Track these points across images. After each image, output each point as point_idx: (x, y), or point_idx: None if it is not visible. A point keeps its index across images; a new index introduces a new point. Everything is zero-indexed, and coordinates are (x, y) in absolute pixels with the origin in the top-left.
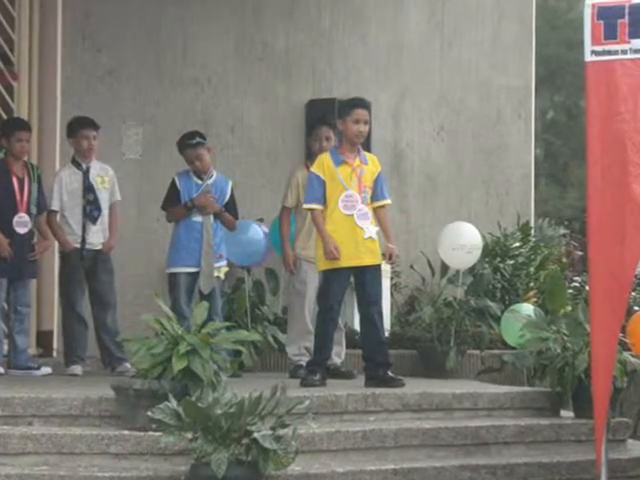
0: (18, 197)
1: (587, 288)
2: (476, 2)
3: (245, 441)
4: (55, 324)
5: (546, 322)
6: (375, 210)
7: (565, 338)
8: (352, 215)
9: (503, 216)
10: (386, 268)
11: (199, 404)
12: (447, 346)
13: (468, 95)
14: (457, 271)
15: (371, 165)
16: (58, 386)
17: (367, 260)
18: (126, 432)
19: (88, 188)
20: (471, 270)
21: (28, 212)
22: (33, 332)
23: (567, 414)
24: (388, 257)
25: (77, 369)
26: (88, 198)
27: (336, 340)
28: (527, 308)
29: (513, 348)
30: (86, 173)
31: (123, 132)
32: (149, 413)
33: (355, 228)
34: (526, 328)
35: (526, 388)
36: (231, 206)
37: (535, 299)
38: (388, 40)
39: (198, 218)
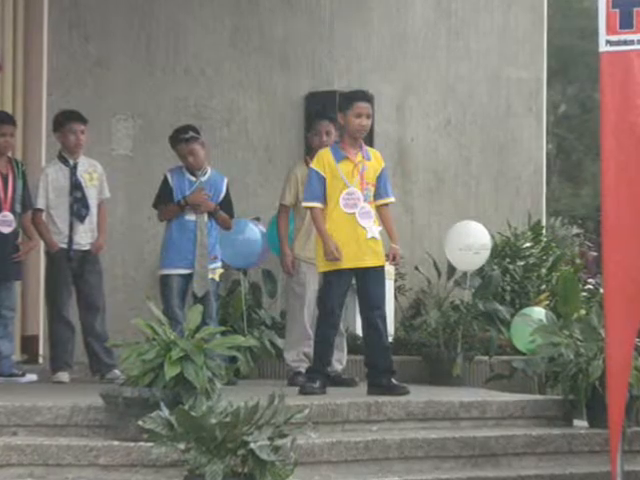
0: (2, 195)
1: (602, 291)
2: None
3: (241, 452)
4: (41, 329)
5: (558, 327)
6: (378, 208)
7: (578, 343)
8: (354, 214)
9: (513, 215)
10: (390, 270)
11: (192, 413)
12: (454, 352)
13: (476, 88)
14: (464, 273)
15: (374, 161)
16: (44, 394)
17: (370, 261)
18: (115, 443)
19: (75, 185)
20: (479, 272)
21: (12, 211)
22: (17, 337)
23: (580, 423)
24: (392, 258)
25: (64, 376)
26: (75, 196)
27: (337, 345)
28: (538, 312)
29: (523, 354)
30: (73, 169)
31: (112, 126)
32: (140, 422)
33: (357, 227)
34: (537, 333)
35: (537, 396)
36: (226, 204)
37: (547, 302)
38: (392, 29)
39: (191, 217)
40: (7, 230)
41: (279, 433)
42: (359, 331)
